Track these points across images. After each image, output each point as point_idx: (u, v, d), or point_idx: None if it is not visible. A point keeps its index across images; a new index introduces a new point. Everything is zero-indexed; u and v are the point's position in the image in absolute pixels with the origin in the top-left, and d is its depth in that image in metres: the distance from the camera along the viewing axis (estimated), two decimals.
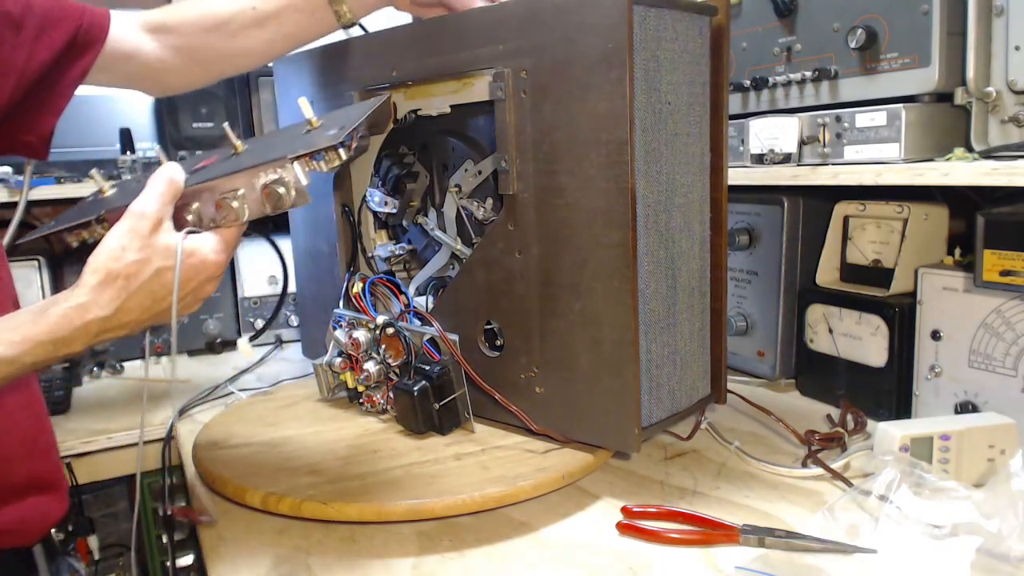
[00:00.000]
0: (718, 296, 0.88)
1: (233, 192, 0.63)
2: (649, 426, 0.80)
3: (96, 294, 0.58)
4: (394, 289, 1.00)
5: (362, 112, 0.66)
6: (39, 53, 0.77)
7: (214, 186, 0.64)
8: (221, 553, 0.72)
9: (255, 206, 0.63)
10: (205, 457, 0.85)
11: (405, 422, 0.89)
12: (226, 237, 0.64)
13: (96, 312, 0.58)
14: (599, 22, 0.72)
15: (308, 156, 0.61)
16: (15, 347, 0.56)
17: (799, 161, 0.95)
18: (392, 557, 0.70)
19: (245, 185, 0.63)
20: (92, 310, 0.58)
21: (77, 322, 0.58)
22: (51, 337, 0.57)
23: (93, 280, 0.58)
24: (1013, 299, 0.82)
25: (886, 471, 0.71)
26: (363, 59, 0.97)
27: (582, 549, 0.70)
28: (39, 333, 0.57)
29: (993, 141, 0.81)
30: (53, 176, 1.32)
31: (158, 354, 1.42)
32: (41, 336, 0.57)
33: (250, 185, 0.63)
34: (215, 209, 0.64)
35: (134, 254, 0.59)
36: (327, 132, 0.63)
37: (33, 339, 0.57)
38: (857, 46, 0.87)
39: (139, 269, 0.59)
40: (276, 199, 0.62)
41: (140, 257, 0.59)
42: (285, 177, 0.61)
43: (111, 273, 0.58)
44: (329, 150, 0.61)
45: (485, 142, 0.93)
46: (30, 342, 0.57)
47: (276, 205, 0.62)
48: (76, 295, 0.58)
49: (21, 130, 0.81)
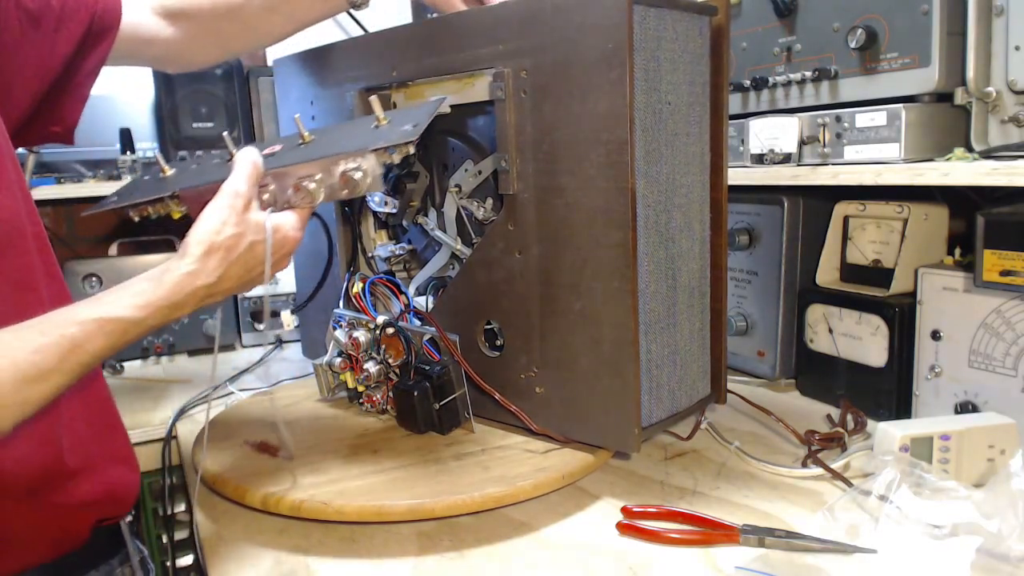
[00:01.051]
0: (718, 296, 0.88)
1: (311, 177, 0.71)
2: (649, 426, 0.80)
3: (202, 263, 0.65)
4: (394, 289, 1.00)
5: (429, 110, 0.73)
6: (60, 46, 0.79)
7: (291, 171, 0.72)
8: (221, 553, 0.72)
9: (330, 190, 0.71)
10: (205, 457, 0.85)
11: (405, 422, 0.89)
12: (302, 216, 0.72)
13: (203, 279, 0.65)
14: (599, 22, 0.72)
15: (384, 148, 0.70)
16: (142, 311, 0.62)
17: (799, 161, 0.95)
18: (392, 557, 0.70)
19: (323, 171, 0.71)
20: (200, 277, 0.65)
21: (188, 288, 0.64)
22: (169, 302, 0.63)
23: (199, 251, 0.65)
24: (1013, 299, 0.81)
25: (886, 471, 0.71)
26: (363, 59, 0.97)
27: (582, 549, 0.70)
28: (160, 298, 0.63)
29: (993, 141, 0.81)
30: (53, 176, 1.32)
31: (158, 354, 1.43)
32: (161, 301, 0.63)
33: (328, 171, 0.71)
34: (292, 192, 0.72)
35: (232, 228, 0.66)
36: (401, 128, 0.71)
37: (155, 304, 0.62)
38: (857, 46, 0.87)
39: (236, 242, 0.66)
40: (353, 185, 0.70)
41: (237, 231, 0.66)
42: (363, 165, 0.70)
43: (213, 245, 0.65)
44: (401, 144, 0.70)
45: (485, 142, 0.93)
46: (153, 307, 0.62)
47: (352, 190, 0.70)
48: (185, 263, 0.64)
49: (49, 122, 0.83)
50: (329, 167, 0.71)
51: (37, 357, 0.56)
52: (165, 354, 1.43)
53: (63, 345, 0.57)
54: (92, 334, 0.59)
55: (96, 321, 0.59)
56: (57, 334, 0.57)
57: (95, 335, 0.59)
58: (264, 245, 0.68)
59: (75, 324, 0.58)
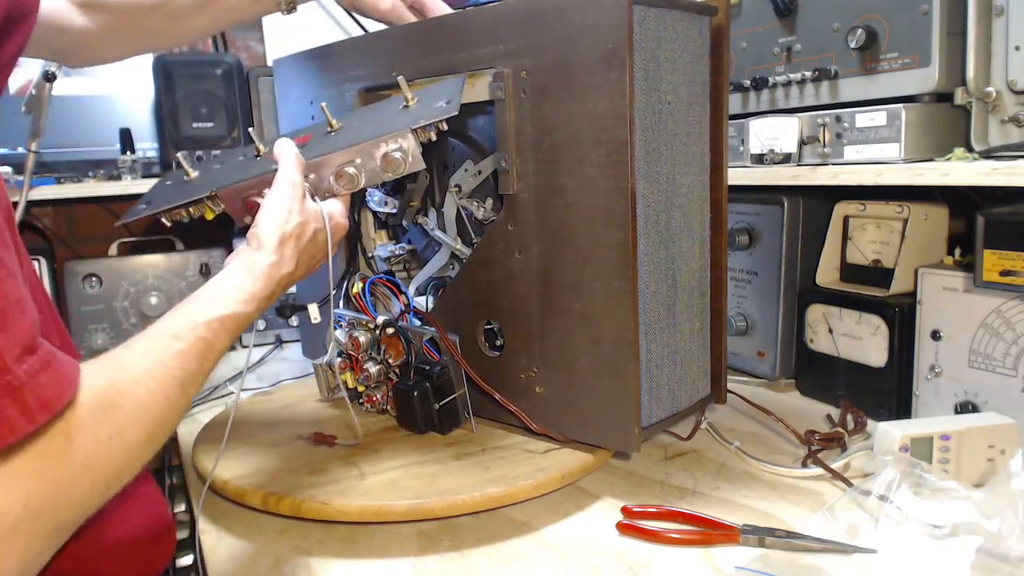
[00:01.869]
0: (718, 296, 0.88)
1: (351, 162, 0.73)
2: (649, 426, 0.80)
3: (280, 253, 0.68)
4: (394, 289, 1.00)
5: (457, 86, 0.76)
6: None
7: (332, 159, 0.74)
8: (221, 553, 0.72)
9: (372, 174, 0.74)
10: (205, 457, 0.85)
11: (405, 422, 0.89)
12: (345, 203, 0.75)
13: (285, 268, 0.68)
14: (599, 22, 0.72)
15: (423, 127, 0.72)
16: (248, 305, 0.64)
17: (799, 161, 0.95)
18: (392, 557, 0.70)
19: (363, 155, 0.73)
20: (283, 266, 0.68)
21: (276, 278, 0.67)
22: (265, 293, 0.66)
23: (274, 241, 0.67)
24: (1013, 299, 0.81)
25: (886, 471, 0.71)
26: (363, 59, 0.97)
27: (582, 549, 0.70)
28: (259, 290, 0.65)
29: (993, 141, 0.81)
30: (53, 176, 1.32)
31: None
32: (260, 292, 0.65)
33: (369, 155, 0.73)
34: (333, 179, 0.74)
35: (297, 217, 0.69)
36: (436, 104, 0.73)
37: (257, 296, 0.65)
38: (857, 46, 0.87)
39: (303, 230, 0.70)
40: (396, 165, 0.72)
41: (302, 220, 0.70)
42: (404, 145, 0.72)
43: (285, 235, 0.68)
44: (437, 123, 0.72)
45: (485, 142, 0.93)
46: (256, 299, 0.65)
47: (395, 171, 0.73)
48: (267, 255, 0.67)
49: None
50: (370, 151, 0.73)
51: (183, 361, 0.57)
52: None
53: (201, 347, 0.59)
54: (218, 333, 0.61)
55: (219, 320, 0.61)
56: (192, 338, 0.59)
57: (221, 334, 0.61)
58: (324, 232, 0.71)
59: (203, 326, 0.60)
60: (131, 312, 1.41)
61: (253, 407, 1.03)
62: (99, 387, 0.50)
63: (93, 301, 1.38)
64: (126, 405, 0.52)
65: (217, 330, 0.61)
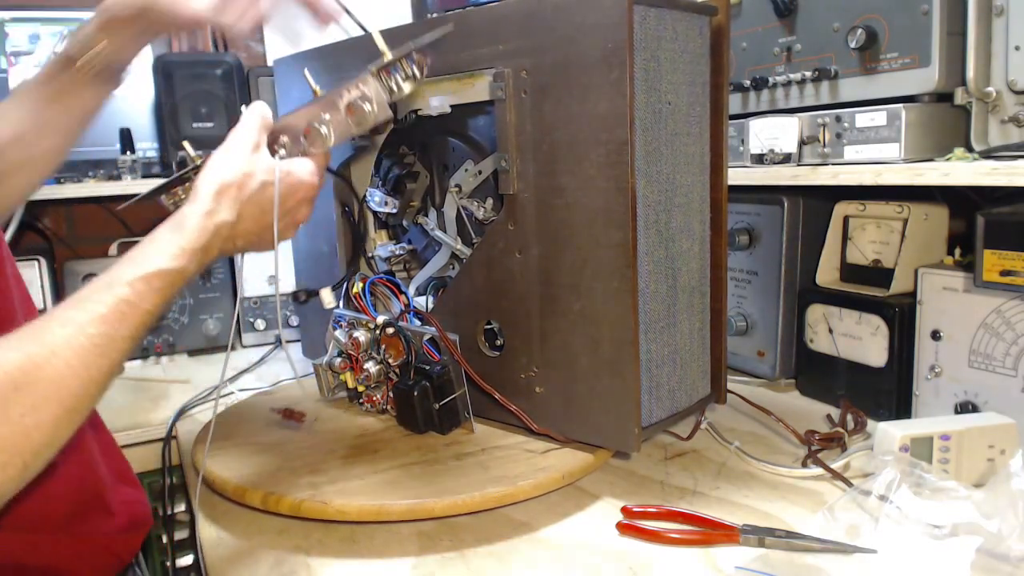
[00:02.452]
0: (718, 296, 0.88)
1: (318, 117, 0.70)
2: (649, 426, 0.80)
3: (216, 201, 0.64)
4: (394, 289, 1.00)
5: (431, 35, 0.72)
6: None
7: (299, 118, 0.71)
8: (221, 553, 0.72)
9: (340, 127, 0.71)
10: (205, 457, 0.85)
11: (405, 422, 0.89)
12: (317, 161, 0.71)
13: (221, 217, 0.64)
14: (599, 22, 0.72)
15: (386, 71, 0.69)
16: (178, 259, 0.61)
17: (799, 161, 0.95)
18: (392, 557, 0.70)
19: (330, 109, 0.70)
20: (216, 216, 0.64)
21: (210, 228, 0.63)
22: (198, 245, 0.63)
23: (210, 190, 0.64)
24: (1013, 299, 0.81)
25: (886, 471, 0.71)
26: (363, 59, 0.97)
27: (582, 549, 0.70)
28: (189, 243, 0.62)
29: (993, 141, 0.81)
30: (53, 176, 1.32)
31: (158, 354, 1.43)
32: (192, 244, 0.62)
33: (334, 107, 0.70)
34: (304, 137, 0.71)
35: (240, 167, 0.66)
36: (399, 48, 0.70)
37: (187, 249, 0.62)
38: (857, 46, 0.87)
39: (246, 180, 0.66)
40: (361, 115, 0.69)
41: (246, 170, 0.66)
42: (367, 92, 0.69)
43: (224, 183, 0.65)
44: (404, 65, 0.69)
45: (485, 142, 0.93)
46: (186, 253, 0.62)
47: (360, 121, 0.69)
48: (199, 206, 0.64)
49: None
50: (334, 102, 0.70)
51: (104, 327, 0.55)
52: (165, 354, 1.43)
53: (123, 309, 0.57)
54: (143, 292, 0.58)
55: (142, 279, 0.59)
56: (113, 300, 0.57)
57: (146, 293, 0.59)
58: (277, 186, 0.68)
59: (125, 287, 0.58)
60: None
61: (253, 407, 1.03)
62: (10, 364, 0.50)
63: None
64: (41, 380, 0.51)
65: (142, 290, 0.58)
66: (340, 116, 0.70)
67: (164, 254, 0.61)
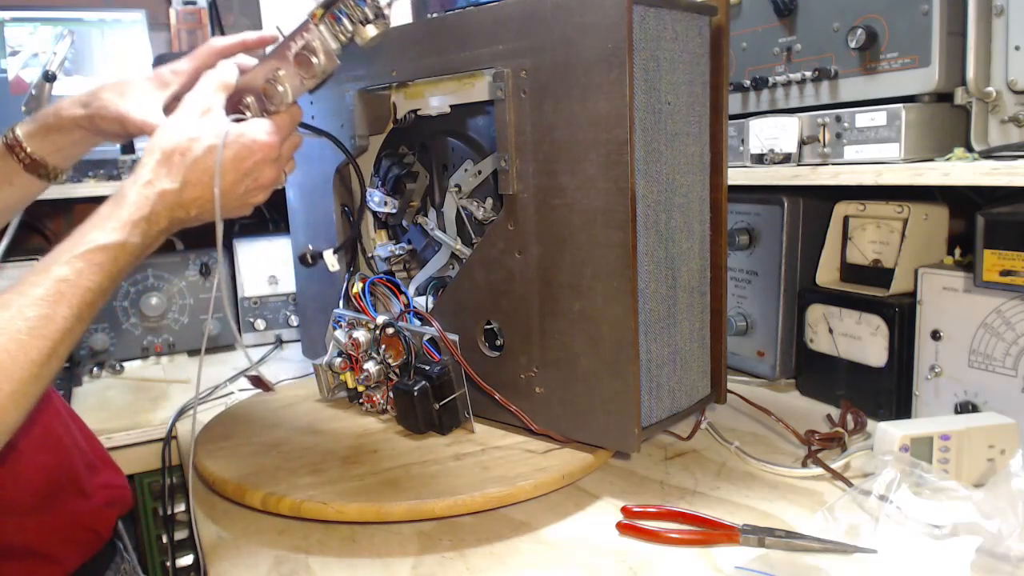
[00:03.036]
0: (718, 296, 0.88)
1: (274, 74, 0.67)
2: (649, 426, 0.80)
3: (157, 170, 0.63)
4: (394, 289, 1.00)
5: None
6: None
7: (258, 73, 0.68)
8: (221, 553, 0.72)
9: (294, 81, 0.67)
10: (205, 457, 0.85)
11: (405, 422, 0.89)
12: (277, 121, 0.68)
13: (164, 184, 0.62)
14: (599, 22, 0.72)
15: (331, 16, 0.64)
16: (118, 232, 0.60)
17: (799, 161, 0.95)
18: (392, 557, 0.70)
19: (281, 63, 0.67)
20: (158, 184, 0.62)
21: (152, 197, 0.62)
22: (139, 215, 0.61)
23: (151, 160, 0.63)
24: (1013, 299, 0.81)
25: (886, 471, 0.71)
26: (363, 59, 0.97)
27: (582, 549, 0.70)
28: (129, 214, 0.61)
29: (993, 141, 0.81)
30: None
31: (158, 354, 1.43)
32: (132, 216, 0.61)
33: (285, 60, 0.67)
34: (265, 98, 0.68)
35: (184, 132, 0.64)
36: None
37: (127, 220, 0.61)
38: (857, 46, 0.87)
39: (191, 145, 0.63)
40: (307, 65, 0.65)
41: (191, 135, 0.64)
42: (312, 41, 0.65)
43: (165, 151, 0.63)
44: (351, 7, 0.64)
45: (485, 142, 0.93)
46: (127, 224, 0.60)
47: (310, 72, 0.66)
48: (140, 175, 0.63)
49: None
50: (283, 55, 0.67)
51: (42, 308, 0.55)
52: (165, 354, 1.43)
53: (62, 288, 0.56)
54: (82, 270, 0.57)
55: (81, 256, 0.58)
56: (51, 281, 0.56)
57: (85, 270, 0.58)
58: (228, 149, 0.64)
59: (64, 266, 0.57)
60: (131, 312, 1.41)
61: (253, 407, 1.03)
62: None
63: None
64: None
65: (81, 267, 0.57)
66: (292, 69, 0.67)
67: (102, 228, 0.60)
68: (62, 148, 0.78)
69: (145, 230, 0.61)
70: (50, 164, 0.78)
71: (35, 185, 0.80)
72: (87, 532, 0.75)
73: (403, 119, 0.98)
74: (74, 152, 0.80)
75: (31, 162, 0.77)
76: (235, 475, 0.80)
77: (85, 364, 1.34)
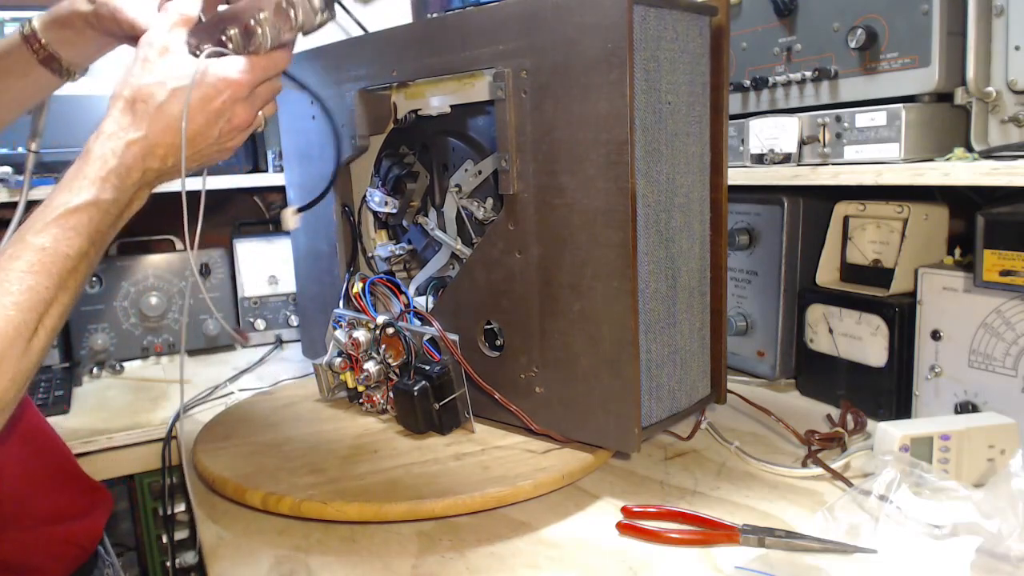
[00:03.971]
0: (718, 296, 0.88)
1: (258, 15, 0.63)
2: (649, 426, 0.80)
3: (119, 120, 0.60)
4: (394, 289, 1.00)
5: None
6: None
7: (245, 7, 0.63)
8: (221, 553, 0.72)
9: (274, 29, 0.63)
10: (205, 457, 0.85)
11: (405, 422, 0.89)
12: (252, 60, 0.63)
13: (129, 134, 0.59)
14: (599, 22, 0.72)
15: None
16: (87, 190, 0.58)
17: (799, 161, 0.95)
18: (392, 557, 0.70)
19: (268, 7, 0.62)
20: (124, 133, 0.59)
21: (118, 149, 0.59)
22: (107, 169, 0.59)
23: (114, 111, 0.60)
24: (1013, 299, 0.81)
25: (886, 471, 0.71)
26: (363, 59, 0.97)
27: (582, 549, 0.70)
28: (95, 170, 0.58)
29: (993, 141, 0.81)
30: (53, 176, 1.32)
31: (158, 354, 1.43)
32: (98, 171, 0.58)
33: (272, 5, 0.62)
34: (245, 36, 0.63)
35: (143, 78, 0.60)
36: None
37: (95, 176, 0.58)
38: (857, 46, 0.87)
39: (153, 90, 0.60)
40: (285, 17, 0.62)
41: (151, 80, 0.60)
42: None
43: (127, 99, 0.60)
44: None
45: (485, 142, 0.93)
46: (96, 180, 0.58)
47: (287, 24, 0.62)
48: (105, 127, 0.60)
49: None
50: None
51: (31, 280, 0.54)
52: (165, 354, 1.43)
53: (42, 257, 0.55)
54: (59, 236, 0.56)
55: (54, 222, 0.56)
56: (31, 252, 0.55)
57: (61, 236, 0.56)
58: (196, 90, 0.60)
59: (40, 235, 0.55)
60: (131, 312, 1.41)
61: (253, 407, 1.03)
62: None
63: (93, 301, 1.38)
64: None
65: (56, 233, 0.56)
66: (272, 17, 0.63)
67: (70, 189, 0.58)
68: (75, 44, 0.76)
69: (117, 184, 0.59)
70: (64, 59, 0.76)
71: (50, 80, 0.78)
72: (73, 547, 0.75)
73: (403, 119, 0.98)
74: (87, 51, 0.78)
75: (46, 55, 0.75)
76: (235, 475, 0.80)
77: (85, 364, 1.34)
